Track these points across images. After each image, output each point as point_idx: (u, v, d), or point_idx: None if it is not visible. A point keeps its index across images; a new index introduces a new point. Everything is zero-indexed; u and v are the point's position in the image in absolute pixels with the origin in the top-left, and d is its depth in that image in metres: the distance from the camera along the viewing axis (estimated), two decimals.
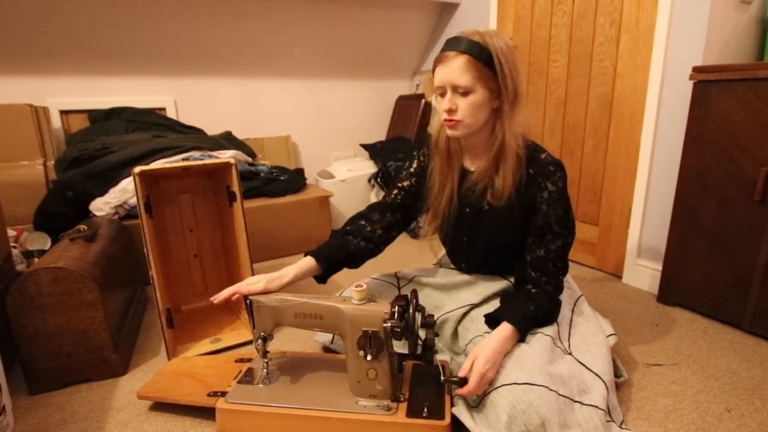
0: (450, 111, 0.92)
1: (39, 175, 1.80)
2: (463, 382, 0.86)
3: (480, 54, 0.89)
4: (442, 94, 0.94)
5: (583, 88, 1.76)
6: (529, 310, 0.93)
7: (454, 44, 0.91)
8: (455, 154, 1.04)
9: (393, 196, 1.13)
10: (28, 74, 1.92)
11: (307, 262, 1.03)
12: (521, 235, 1.00)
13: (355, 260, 1.09)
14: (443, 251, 1.23)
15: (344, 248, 1.06)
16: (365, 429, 0.86)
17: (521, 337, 0.91)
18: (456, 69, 0.89)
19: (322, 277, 1.07)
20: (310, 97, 2.59)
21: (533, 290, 0.96)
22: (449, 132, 0.97)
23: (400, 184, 1.13)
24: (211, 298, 0.97)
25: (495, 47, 0.89)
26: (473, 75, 0.89)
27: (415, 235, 2.25)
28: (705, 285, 1.36)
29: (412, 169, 1.12)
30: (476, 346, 0.89)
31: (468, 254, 1.11)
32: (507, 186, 0.95)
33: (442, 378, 0.90)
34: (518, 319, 0.91)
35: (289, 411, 0.89)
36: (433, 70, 0.95)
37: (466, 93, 0.91)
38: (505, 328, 0.90)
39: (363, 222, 1.10)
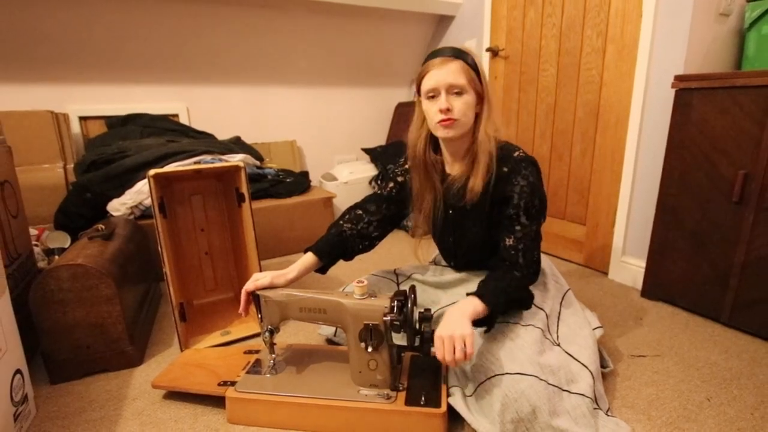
0: (447, 110, 0.91)
1: (59, 177, 1.80)
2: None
3: (469, 60, 0.92)
4: (434, 96, 0.93)
5: (572, 96, 1.76)
6: (499, 285, 0.90)
7: (446, 51, 0.93)
8: (432, 165, 1.03)
9: (389, 189, 1.12)
10: (49, 83, 1.92)
11: (309, 259, 1.04)
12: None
13: (351, 255, 1.10)
14: (438, 250, 1.23)
15: (342, 244, 1.07)
16: (366, 416, 0.86)
17: (491, 307, 0.86)
18: (452, 71, 0.90)
19: (322, 269, 1.08)
20: (315, 104, 2.59)
21: (503, 272, 0.94)
22: (443, 132, 0.94)
23: (394, 179, 1.12)
24: (241, 312, 0.97)
25: (476, 58, 0.93)
26: (466, 77, 0.91)
27: (413, 234, 2.24)
28: (686, 281, 1.36)
29: (407, 166, 1.11)
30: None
31: (455, 252, 1.11)
32: (478, 183, 0.94)
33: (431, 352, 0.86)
34: (485, 291, 0.88)
35: (294, 399, 0.89)
36: (421, 78, 0.94)
37: (460, 93, 0.91)
38: (470, 298, 0.88)
39: (360, 212, 1.10)
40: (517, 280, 0.93)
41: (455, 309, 0.86)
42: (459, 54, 0.91)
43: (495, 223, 0.99)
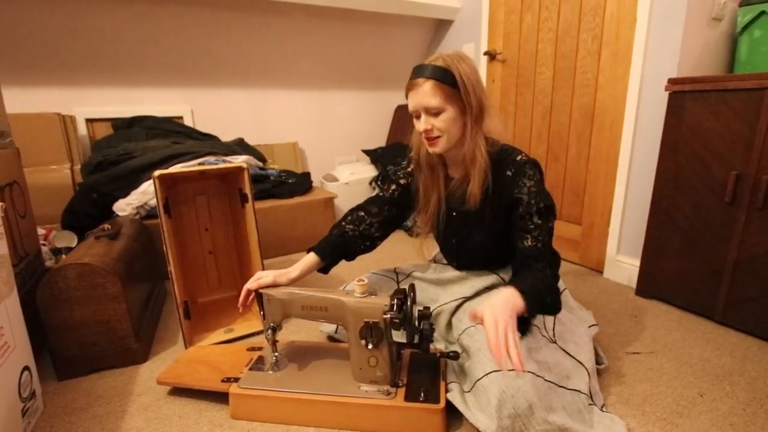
0: (427, 131, 0.93)
1: (66, 178, 1.80)
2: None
3: (444, 77, 0.88)
4: (418, 117, 0.95)
5: (567, 98, 1.76)
6: (533, 281, 0.85)
7: (420, 71, 0.91)
8: (437, 166, 1.04)
9: (391, 191, 1.12)
10: (57, 86, 1.92)
11: (312, 258, 1.04)
12: (505, 234, 0.99)
13: (353, 255, 1.10)
14: (437, 248, 1.23)
15: (343, 244, 1.07)
16: (366, 412, 0.86)
17: (526, 302, 0.79)
18: (425, 94, 0.90)
19: (324, 269, 1.08)
20: (316, 106, 2.59)
21: (537, 269, 0.89)
22: (431, 149, 0.97)
23: (397, 181, 1.12)
24: (239, 307, 0.97)
25: (457, 69, 0.89)
26: (441, 96, 0.89)
27: (412, 233, 2.25)
28: (679, 279, 1.36)
29: (409, 169, 1.12)
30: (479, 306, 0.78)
31: (458, 253, 1.11)
32: (476, 190, 0.95)
33: (438, 354, 0.90)
34: (523, 285, 0.82)
35: (296, 395, 0.89)
36: (406, 96, 0.95)
37: (438, 113, 0.91)
38: (508, 289, 0.81)
39: (362, 213, 1.10)
40: (550, 279, 0.88)
41: (495, 299, 0.77)
42: (434, 73, 0.89)
43: (502, 228, 0.98)
